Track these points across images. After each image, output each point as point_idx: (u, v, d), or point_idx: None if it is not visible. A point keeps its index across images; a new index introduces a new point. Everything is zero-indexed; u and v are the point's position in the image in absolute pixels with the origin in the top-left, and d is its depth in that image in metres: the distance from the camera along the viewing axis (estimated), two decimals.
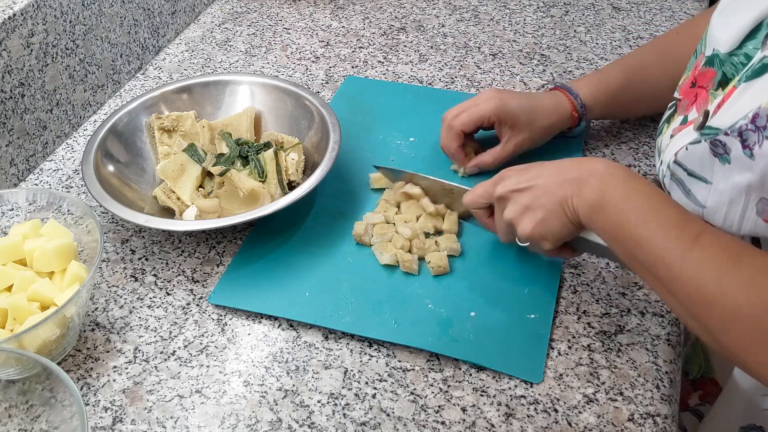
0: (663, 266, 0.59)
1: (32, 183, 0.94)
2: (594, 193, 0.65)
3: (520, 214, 0.70)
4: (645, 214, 0.61)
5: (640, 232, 0.61)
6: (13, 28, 0.87)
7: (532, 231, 0.69)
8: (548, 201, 0.68)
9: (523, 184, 0.70)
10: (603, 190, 0.64)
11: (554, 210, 0.67)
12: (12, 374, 0.64)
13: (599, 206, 0.64)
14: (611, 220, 0.63)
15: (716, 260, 0.57)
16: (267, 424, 0.67)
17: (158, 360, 0.72)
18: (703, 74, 0.72)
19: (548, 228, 0.68)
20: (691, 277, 0.57)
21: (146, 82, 1.12)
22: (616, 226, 0.63)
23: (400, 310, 0.75)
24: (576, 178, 0.66)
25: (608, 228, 0.64)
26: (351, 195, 0.89)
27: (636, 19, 1.23)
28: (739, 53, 0.67)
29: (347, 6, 1.29)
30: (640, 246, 0.61)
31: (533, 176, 0.70)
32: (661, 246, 0.59)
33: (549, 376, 0.70)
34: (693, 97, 0.73)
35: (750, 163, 0.61)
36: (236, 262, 0.82)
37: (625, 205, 0.62)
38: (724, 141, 0.63)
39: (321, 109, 0.90)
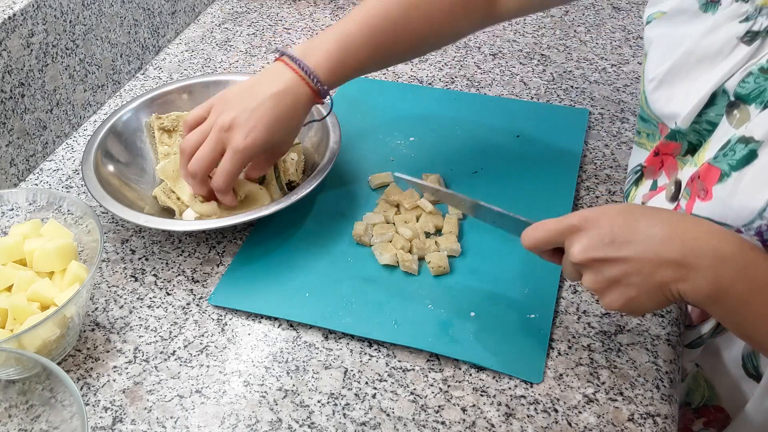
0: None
1: (32, 183, 0.94)
2: (706, 282, 0.56)
3: (606, 287, 0.61)
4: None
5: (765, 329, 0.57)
6: (13, 28, 0.87)
7: (621, 307, 0.61)
8: (643, 282, 0.58)
9: (611, 254, 0.59)
10: (718, 280, 0.56)
11: (651, 292, 0.59)
12: (12, 374, 0.64)
13: (716, 299, 0.57)
14: (732, 313, 0.58)
15: None
16: (267, 424, 0.67)
17: (158, 360, 0.72)
18: (666, 145, 0.70)
19: (641, 306, 0.60)
20: None
21: (146, 82, 1.12)
22: (739, 318, 0.58)
23: (400, 311, 0.75)
24: (679, 262, 0.56)
25: (729, 319, 0.59)
26: (351, 195, 0.89)
27: (636, 19, 1.23)
28: (700, 121, 0.66)
29: (347, 6, 1.29)
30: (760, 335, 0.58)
31: (620, 244, 0.59)
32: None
33: (549, 376, 0.70)
34: (659, 163, 0.72)
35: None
36: (236, 262, 0.82)
37: (749, 298, 0.56)
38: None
39: (321, 109, 0.90)
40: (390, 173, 0.90)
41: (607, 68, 1.11)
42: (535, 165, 0.92)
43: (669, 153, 0.71)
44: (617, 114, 1.02)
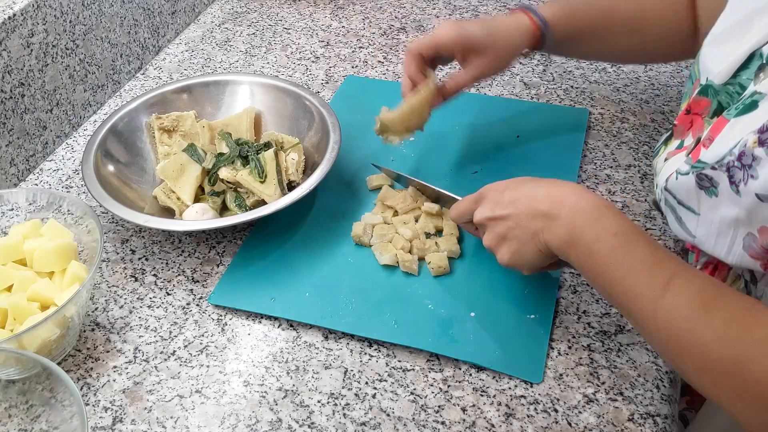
0: (635, 311, 0.60)
1: (32, 183, 0.94)
2: (564, 230, 0.64)
3: (497, 243, 0.71)
4: (615, 257, 0.61)
5: (612, 276, 0.61)
6: (13, 28, 0.87)
7: (509, 261, 0.70)
8: (521, 233, 0.68)
9: (498, 212, 0.70)
10: (572, 227, 0.64)
11: (528, 243, 0.68)
12: (12, 374, 0.64)
13: (569, 243, 0.64)
14: (582, 259, 0.64)
15: (687, 308, 0.57)
16: (267, 424, 0.67)
17: (158, 360, 0.72)
18: (698, 102, 0.72)
19: (523, 258, 0.69)
20: (663, 325, 0.58)
21: (146, 82, 1.12)
22: (588, 265, 0.63)
23: (400, 311, 0.75)
24: (546, 212, 0.66)
25: (581, 265, 0.64)
26: (351, 195, 0.89)
27: None
28: (734, 83, 0.67)
29: (347, 6, 1.29)
30: (612, 288, 0.61)
31: (507, 204, 0.69)
32: (633, 292, 0.60)
33: (549, 376, 0.70)
34: (689, 123, 0.73)
35: (737, 199, 0.61)
36: (236, 262, 0.82)
37: (595, 246, 0.62)
38: (710, 175, 0.63)
39: (321, 109, 0.90)
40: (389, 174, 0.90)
41: (607, 68, 1.11)
42: (535, 165, 0.92)
43: (699, 113, 0.71)
44: (617, 114, 1.02)
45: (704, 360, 0.55)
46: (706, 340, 0.55)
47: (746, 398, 0.53)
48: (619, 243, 0.62)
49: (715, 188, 0.63)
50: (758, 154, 0.58)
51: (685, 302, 0.57)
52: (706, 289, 0.58)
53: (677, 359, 0.58)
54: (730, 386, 0.54)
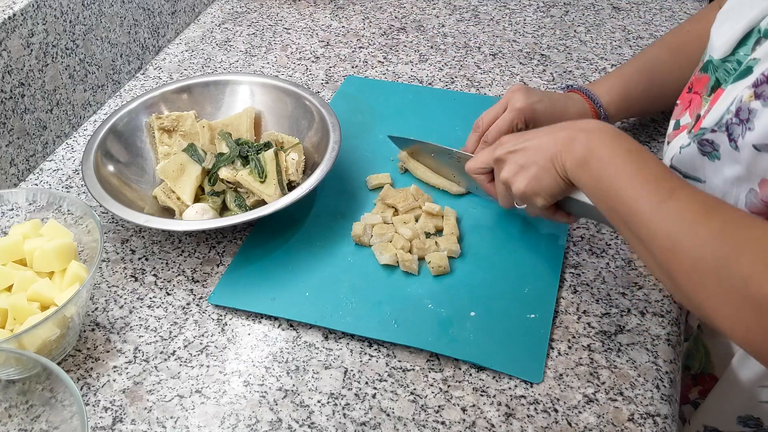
0: (638, 216, 0.61)
1: (32, 183, 0.94)
2: (581, 150, 0.66)
3: (515, 173, 0.72)
4: (626, 168, 0.63)
5: (620, 185, 0.63)
6: (13, 28, 0.87)
7: (525, 188, 0.72)
8: (540, 158, 0.70)
9: (519, 146, 0.73)
10: (590, 146, 0.66)
11: (545, 166, 0.70)
12: (12, 374, 0.64)
13: (585, 161, 0.66)
14: (595, 175, 0.65)
15: (689, 212, 0.58)
16: (267, 424, 0.67)
17: (158, 360, 0.72)
18: (699, 80, 0.73)
19: (540, 184, 0.71)
20: (662, 227, 0.59)
21: (146, 82, 1.12)
22: (599, 180, 0.65)
23: (400, 310, 0.75)
24: (567, 136, 0.68)
25: (591, 182, 0.66)
26: (351, 195, 0.89)
27: (636, 19, 1.23)
28: (732, 59, 0.68)
29: (347, 6, 1.29)
30: (618, 198, 0.63)
31: (529, 138, 0.73)
32: (638, 198, 0.61)
33: (549, 376, 0.70)
34: (687, 102, 0.74)
35: (736, 156, 0.62)
36: (236, 262, 0.82)
37: (609, 160, 0.64)
38: (711, 138, 0.65)
39: (321, 109, 0.90)
40: (388, 174, 0.90)
41: (607, 68, 1.11)
42: None
43: (699, 91, 0.73)
44: None
45: (696, 258, 0.56)
46: (702, 238, 0.56)
47: (729, 295, 0.54)
48: (632, 158, 0.64)
49: (717, 151, 0.64)
50: (754, 107, 0.60)
51: (687, 206, 0.59)
52: (708, 199, 0.60)
53: (671, 260, 0.58)
54: (715, 283, 0.55)
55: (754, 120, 0.60)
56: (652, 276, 0.79)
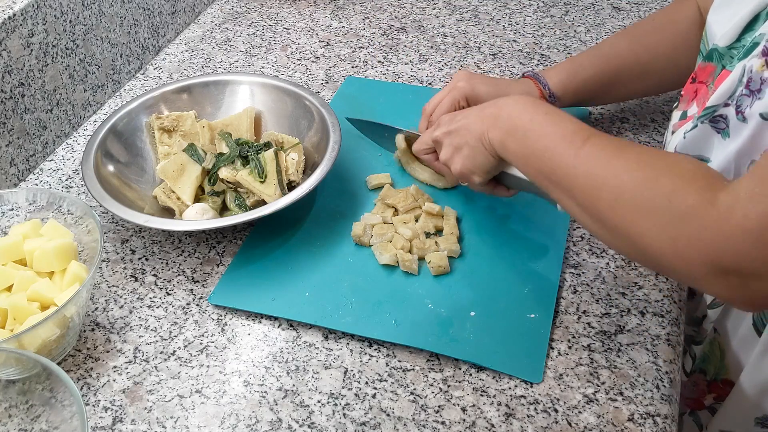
0: (560, 168, 0.64)
1: (32, 183, 0.94)
2: (505, 123, 0.70)
3: (451, 154, 0.77)
4: (545, 128, 0.67)
5: (541, 145, 0.66)
6: (13, 28, 0.87)
7: (461, 168, 0.76)
8: (470, 137, 0.74)
9: (453, 126, 0.77)
10: (511, 118, 0.70)
11: (476, 145, 0.74)
12: (12, 374, 0.64)
13: (509, 133, 0.70)
14: (519, 143, 0.69)
15: (604, 153, 0.62)
16: (267, 424, 0.67)
17: (158, 360, 0.72)
18: (703, 69, 0.72)
19: (474, 163, 0.75)
20: (582, 170, 0.62)
21: (146, 82, 1.12)
22: (523, 146, 0.68)
23: (400, 310, 0.75)
24: (491, 113, 0.72)
25: (517, 151, 0.69)
26: (351, 195, 0.89)
27: (636, 19, 1.23)
28: (738, 45, 0.68)
29: (347, 6, 1.29)
30: (542, 158, 0.66)
31: (460, 118, 0.76)
32: (558, 152, 0.65)
33: (549, 376, 0.70)
34: (693, 93, 0.74)
35: (742, 127, 0.62)
36: (236, 262, 0.82)
37: (530, 126, 0.68)
38: (725, 114, 0.64)
39: (321, 109, 0.90)
40: (388, 174, 0.90)
41: None
42: None
43: (704, 80, 0.72)
44: (617, 114, 1.02)
45: (618, 187, 0.59)
46: (619, 169, 0.59)
47: (654, 215, 0.56)
48: (549, 119, 0.68)
49: (728, 128, 0.65)
50: (767, 77, 0.59)
51: (602, 149, 0.62)
52: (619, 141, 0.64)
53: (593, 199, 0.61)
54: (639, 206, 0.57)
55: (765, 89, 0.59)
56: (650, 275, 0.79)
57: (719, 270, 0.53)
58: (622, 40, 0.91)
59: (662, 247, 0.56)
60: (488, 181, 0.78)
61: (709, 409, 0.87)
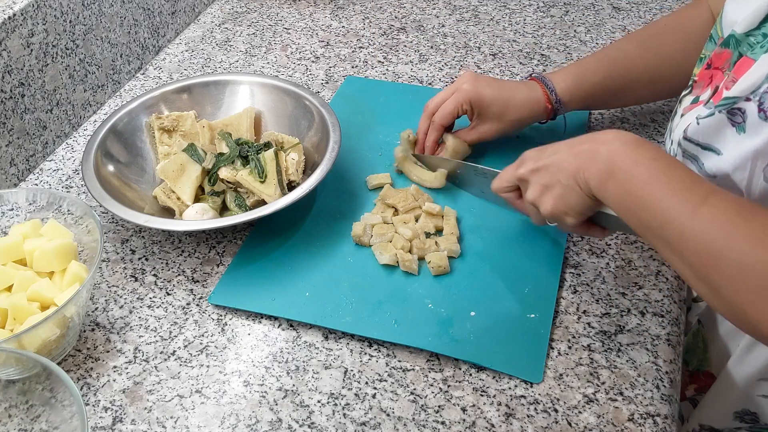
0: (672, 226, 0.59)
1: (32, 183, 0.94)
2: (603, 163, 0.64)
3: (541, 193, 0.71)
4: (653, 177, 0.61)
5: (649, 196, 0.61)
6: (13, 28, 0.87)
7: (552, 209, 0.70)
8: (563, 176, 0.68)
9: (541, 163, 0.70)
10: (612, 158, 0.64)
11: (569, 185, 0.68)
12: (12, 374, 0.64)
13: (609, 175, 0.64)
14: (620, 188, 0.63)
15: (726, 217, 0.57)
16: (267, 424, 0.67)
17: (158, 360, 0.72)
18: (719, 55, 0.71)
19: (567, 203, 0.68)
20: (699, 235, 0.57)
21: (146, 82, 1.12)
22: (625, 192, 0.63)
23: (400, 310, 0.75)
24: (587, 150, 0.66)
25: (618, 196, 0.63)
26: (351, 195, 0.89)
27: (636, 19, 1.23)
28: (757, 33, 0.66)
29: (347, 6, 1.29)
30: (649, 210, 0.61)
31: (549, 154, 0.70)
32: (670, 207, 0.59)
33: (549, 376, 0.70)
34: (708, 78, 0.72)
35: (762, 126, 0.61)
36: (236, 262, 0.82)
37: (634, 170, 0.62)
38: (743, 108, 0.63)
39: (321, 109, 0.90)
40: (388, 174, 0.90)
41: None
42: None
43: (719, 66, 0.71)
44: (617, 114, 1.02)
45: (741, 264, 0.55)
46: (743, 244, 0.55)
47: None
48: (657, 165, 0.61)
49: (744, 123, 0.63)
50: None
51: (723, 212, 0.57)
52: (743, 203, 0.58)
53: (710, 270, 0.57)
54: (764, 289, 0.53)
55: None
56: (650, 275, 0.79)
57: None
58: (630, 44, 0.90)
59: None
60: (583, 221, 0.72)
61: (690, 400, 0.87)
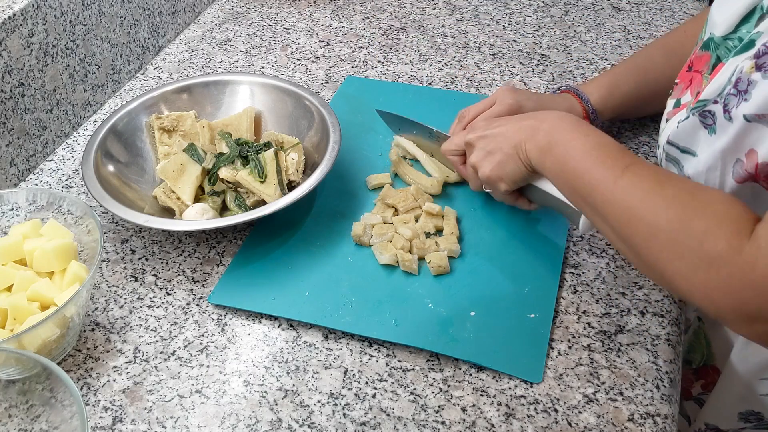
0: (597, 193, 0.64)
1: (32, 183, 0.94)
2: (544, 138, 0.71)
3: (482, 158, 0.77)
4: (585, 150, 0.67)
5: (580, 166, 0.66)
6: (13, 28, 0.87)
7: (490, 172, 0.76)
8: (505, 145, 0.74)
9: (488, 131, 0.77)
10: (552, 133, 0.70)
11: (510, 153, 0.74)
12: (12, 374, 0.64)
13: (548, 148, 0.70)
14: (557, 160, 0.69)
15: (643, 183, 0.62)
16: (267, 424, 0.67)
17: (158, 360, 0.72)
18: (699, 58, 0.72)
19: (504, 170, 0.75)
20: (620, 199, 0.62)
21: (146, 82, 1.12)
22: (561, 164, 0.69)
23: (400, 310, 0.75)
24: (530, 125, 0.73)
25: (554, 167, 0.69)
26: (351, 195, 0.89)
27: (636, 19, 1.23)
28: (734, 37, 0.68)
29: (347, 6, 1.29)
30: (580, 179, 0.66)
31: (497, 125, 0.77)
32: (597, 176, 0.65)
33: (549, 376, 0.70)
34: (688, 81, 0.74)
35: (728, 126, 0.63)
36: (236, 262, 0.82)
37: (570, 145, 0.68)
38: (713, 110, 0.65)
39: (321, 109, 0.90)
40: (388, 174, 0.90)
41: (607, 68, 1.11)
42: None
43: (699, 69, 0.73)
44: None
45: (652, 224, 0.59)
46: (656, 206, 0.60)
47: (686, 256, 0.57)
48: (591, 140, 0.68)
49: (715, 124, 0.65)
50: (754, 78, 0.60)
51: (641, 180, 0.62)
52: (660, 171, 0.64)
53: (629, 230, 0.61)
54: (672, 247, 0.58)
55: (752, 91, 0.60)
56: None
57: (746, 316, 0.55)
58: (657, 52, 0.91)
59: (692, 289, 0.57)
60: (513, 191, 0.78)
61: (695, 399, 0.87)
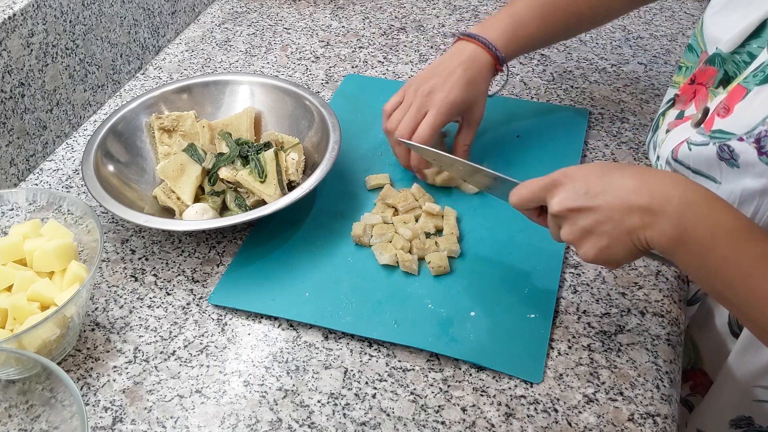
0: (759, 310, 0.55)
1: (32, 183, 0.94)
2: (673, 229, 0.58)
3: (580, 237, 0.63)
4: (734, 252, 0.56)
5: (731, 277, 0.57)
6: (13, 28, 0.87)
7: (594, 257, 0.63)
8: (613, 230, 0.60)
9: (582, 203, 0.62)
10: (682, 224, 0.57)
11: (621, 239, 0.61)
12: (12, 374, 0.64)
13: (680, 242, 0.58)
14: (695, 258, 0.58)
15: None
16: (267, 424, 0.67)
17: (158, 360, 0.72)
18: (704, 72, 0.72)
19: (613, 255, 0.62)
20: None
21: (146, 82, 1.12)
22: (701, 263, 0.58)
23: (400, 310, 0.75)
24: (647, 207, 0.58)
25: (692, 264, 0.59)
26: (351, 195, 0.89)
27: (636, 19, 1.23)
28: (742, 52, 0.67)
29: (347, 6, 1.29)
30: (731, 287, 0.57)
31: (593, 194, 0.61)
32: (757, 291, 0.55)
33: (549, 376, 0.70)
34: (692, 93, 0.73)
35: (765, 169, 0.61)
36: (236, 262, 0.82)
37: (711, 243, 0.57)
38: (732, 147, 0.63)
39: (321, 109, 0.90)
40: (387, 174, 0.90)
41: (607, 68, 1.11)
42: (536, 165, 0.92)
43: (703, 83, 0.72)
44: (617, 114, 1.02)
45: None
46: None
47: None
48: (736, 240, 0.57)
49: (735, 160, 0.63)
50: None
51: None
52: None
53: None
54: None
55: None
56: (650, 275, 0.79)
57: None
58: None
59: None
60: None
61: (684, 401, 0.87)
